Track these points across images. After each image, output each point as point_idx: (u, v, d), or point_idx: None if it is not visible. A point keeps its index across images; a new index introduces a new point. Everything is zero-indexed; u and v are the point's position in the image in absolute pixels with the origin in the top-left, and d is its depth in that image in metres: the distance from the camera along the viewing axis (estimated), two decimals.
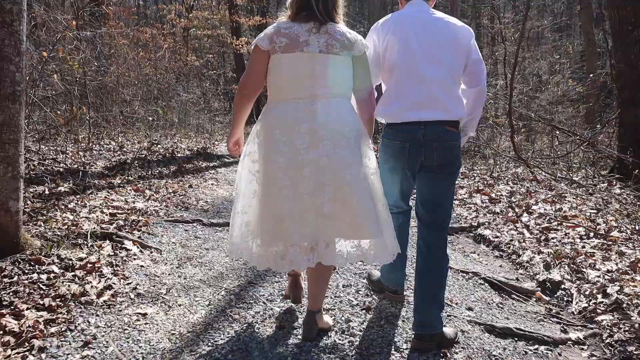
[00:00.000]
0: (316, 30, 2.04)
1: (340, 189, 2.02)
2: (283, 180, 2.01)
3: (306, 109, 2.03)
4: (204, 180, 5.59)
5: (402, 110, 2.20)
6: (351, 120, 2.11)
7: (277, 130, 2.05)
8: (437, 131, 2.17)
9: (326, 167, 2.00)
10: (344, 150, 2.03)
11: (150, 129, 9.63)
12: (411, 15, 2.29)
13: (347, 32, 2.11)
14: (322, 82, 2.04)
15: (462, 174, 6.91)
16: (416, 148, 2.17)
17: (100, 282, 2.50)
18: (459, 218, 4.72)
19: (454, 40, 2.23)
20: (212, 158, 7.18)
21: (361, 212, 2.04)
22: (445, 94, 2.19)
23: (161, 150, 7.18)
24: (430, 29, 2.23)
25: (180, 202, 4.34)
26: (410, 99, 2.18)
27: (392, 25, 2.29)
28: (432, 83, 2.17)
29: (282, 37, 2.04)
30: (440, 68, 2.19)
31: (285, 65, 2.05)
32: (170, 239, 3.34)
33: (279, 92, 2.10)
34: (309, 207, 2.00)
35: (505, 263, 3.62)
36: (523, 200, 5.26)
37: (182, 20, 17.14)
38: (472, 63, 2.28)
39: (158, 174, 5.49)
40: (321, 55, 2.03)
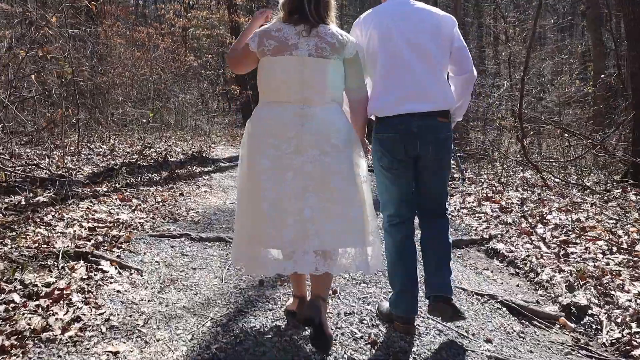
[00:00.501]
0: (306, 33, 2.02)
1: (323, 196, 1.99)
2: (266, 183, 1.99)
3: (294, 113, 2.01)
4: (196, 187, 5.27)
5: (392, 103, 2.18)
6: (340, 127, 2.07)
7: (264, 133, 2.03)
8: (430, 124, 2.18)
9: (310, 173, 1.98)
10: (330, 157, 2.01)
11: (145, 131, 9.32)
12: (392, 8, 2.28)
13: (339, 34, 2.07)
14: (311, 87, 2.02)
15: (469, 180, 6.60)
16: (411, 140, 2.16)
17: (68, 312, 2.18)
18: (469, 229, 4.40)
19: (436, 29, 2.22)
20: (207, 162, 6.87)
21: (344, 220, 2.01)
22: (433, 84, 2.19)
23: (154, 154, 6.87)
24: (412, 20, 2.22)
25: (168, 213, 4.02)
26: (399, 91, 2.17)
27: (373, 18, 2.26)
28: (419, 74, 2.17)
29: (272, 39, 2.02)
30: (425, 58, 2.18)
31: (273, 68, 2.03)
32: (154, 258, 3.02)
33: (268, 94, 2.09)
34: (289, 212, 1.97)
35: (522, 282, 3.30)
36: (536, 209, 4.94)
37: (180, 20, 16.87)
38: (456, 50, 2.27)
39: (148, 181, 5.18)
40: (310, 59, 2.00)
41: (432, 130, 2.19)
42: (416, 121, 2.16)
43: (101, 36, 11.66)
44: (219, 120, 16.19)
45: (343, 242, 2.06)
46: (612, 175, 6.71)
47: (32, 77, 4.48)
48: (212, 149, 8.95)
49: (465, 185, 6.34)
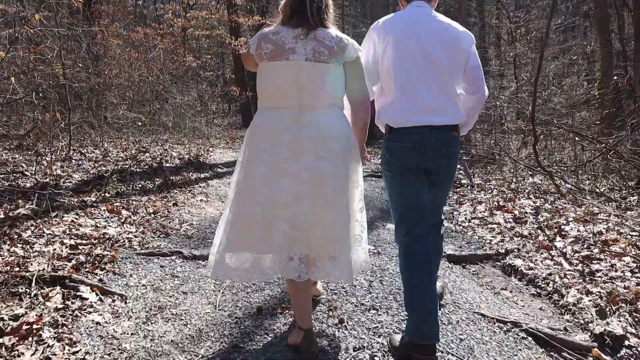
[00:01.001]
0: (304, 36, 1.98)
1: (317, 203, 1.97)
2: (261, 188, 1.97)
3: (291, 118, 1.98)
4: (192, 196, 4.98)
5: (411, 114, 2.15)
6: (338, 133, 2.04)
7: (261, 138, 2.02)
8: (445, 137, 2.17)
9: (306, 179, 1.96)
10: (326, 162, 1.98)
11: (141, 134, 9.03)
12: (412, 17, 2.24)
13: (338, 37, 2.02)
14: (308, 92, 1.98)
15: (478, 186, 6.31)
16: (425, 153, 2.15)
17: (36, 352, 1.90)
18: (482, 243, 4.11)
19: (455, 44, 2.19)
20: (204, 168, 6.57)
21: (334, 228, 1.99)
22: (449, 98, 2.19)
23: (148, 159, 6.58)
24: (432, 33, 2.19)
25: (160, 227, 3.73)
26: (418, 103, 2.15)
27: (392, 27, 2.22)
28: (435, 87, 2.16)
29: (269, 42, 1.99)
30: (441, 73, 2.17)
31: (270, 73, 2.01)
32: (141, 280, 2.73)
33: (266, 100, 2.07)
34: (282, 217, 1.95)
35: (545, 305, 3.01)
36: (552, 219, 4.66)
37: (179, 20, 16.61)
38: (471, 69, 2.24)
39: (140, 189, 4.89)
40: (307, 63, 1.97)
41: (446, 143, 2.18)
42: (433, 134, 2.15)
43: (97, 36, 11.41)
44: (219, 121, 15.89)
45: (329, 250, 2.02)
46: (625, 181, 6.42)
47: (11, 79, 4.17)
48: (210, 152, 8.66)
49: (474, 192, 6.05)
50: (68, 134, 6.45)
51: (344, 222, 2.02)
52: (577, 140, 6.49)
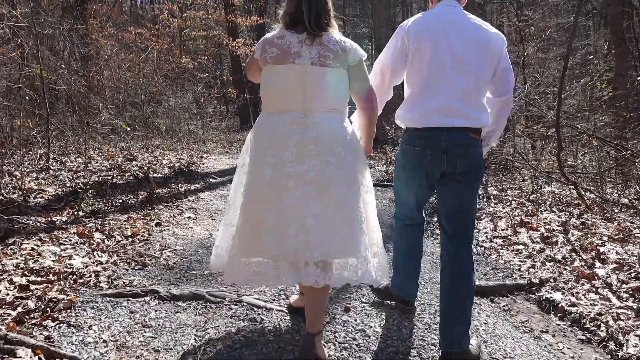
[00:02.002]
0: (309, 41, 2.00)
1: (326, 205, 1.96)
2: (267, 192, 1.97)
3: (296, 122, 1.99)
4: (179, 213, 4.44)
5: (424, 115, 2.14)
6: (342, 136, 2.05)
7: (266, 142, 2.02)
8: (460, 137, 2.12)
9: (312, 181, 1.96)
10: (332, 166, 1.98)
11: (131, 140, 8.50)
12: (443, 18, 2.18)
13: (342, 41, 2.05)
14: (313, 96, 2.00)
15: (495, 198, 5.77)
16: (438, 155, 2.12)
17: None
18: (511, 269, 3.57)
19: (485, 46, 2.15)
20: (195, 178, 6.03)
21: (346, 230, 1.98)
22: (470, 101, 2.13)
23: (135, 169, 6.04)
24: (462, 34, 2.14)
25: (136, 255, 3.18)
26: (433, 104, 2.12)
27: (423, 28, 2.18)
28: (458, 91, 2.11)
29: (274, 47, 2.01)
30: (469, 75, 2.13)
31: (275, 77, 2.03)
32: (102, 334, 2.18)
33: (271, 103, 2.07)
34: (291, 220, 1.94)
35: (600, 356, 2.48)
36: (584, 238, 4.13)
37: (175, 20, 16.12)
38: (502, 71, 2.21)
39: (120, 205, 4.35)
40: (313, 67, 1.99)
41: (461, 144, 2.12)
42: (445, 135, 2.10)
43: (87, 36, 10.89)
44: (216, 124, 15.34)
45: (344, 253, 2.01)
46: None
47: None
48: (204, 159, 8.12)
49: (492, 204, 5.51)
50: (48, 141, 5.92)
51: (357, 225, 2.00)
52: (600, 146, 5.96)
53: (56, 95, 7.73)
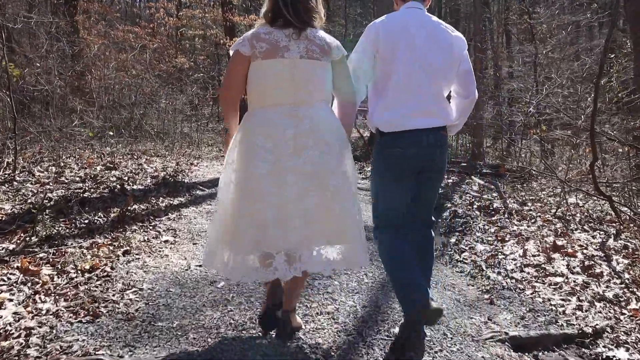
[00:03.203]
0: (296, 36, 2.06)
1: (324, 196, 2.04)
2: (267, 187, 2.00)
3: (289, 114, 2.03)
4: (155, 235, 3.79)
5: (405, 118, 2.21)
6: (332, 126, 2.13)
7: (260, 137, 2.03)
8: (438, 137, 2.26)
9: (311, 173, 2.02)
10: (328, 156, 2.06)
11: (118, 145, 7.86)
12: (408, 20, 2.25)
13: (326, 37, 2.13)
14: (303, 88, 2.06)
15: (517, 213, 5.12)
16: (420, 154, 2.23)
17: None
18: (553, 311, 2.91)
19: (448, 48, 2.25)
20: (180, 190, 5.37)
21: (344, 218, 2.10)
22: (441, 101, 2.28)
23: (113, 179, 5.40)
24: (427, 35, 2.22)
25: (89, 300, 2.52)
26: (412, 107, 2.21)
27: (387, 28, 2.23)
28: (429, 91, 2.22)
29: (263, 42, 2.04)
30: (438, 78, 2.24)
31: (266, 71, 2.05)
32: None
33: (260, 98, 2.09)
34: (294, 214, 2.00)
35: None
36: (633, 266, 3.49)
37: (170, 19, 15.52)
38: (463, 73, 2.32)
39: (86, 227, 3.70)
40: (302, 60, 2.05)
41: (438, 144, 2.27)
42: (425, 136, 2.23)
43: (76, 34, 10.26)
44: (213, 125, 14.69)
45: (344, 239, 2.12)
46: None
47: None
48: (194, 166, 7.48)
49: (514, 221, 4.87)
50: (14, 148, 5.27)
51: (352, 212, 2.12)
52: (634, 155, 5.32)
53: (34, 96, 7.10)
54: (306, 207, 2.00)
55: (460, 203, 5.74)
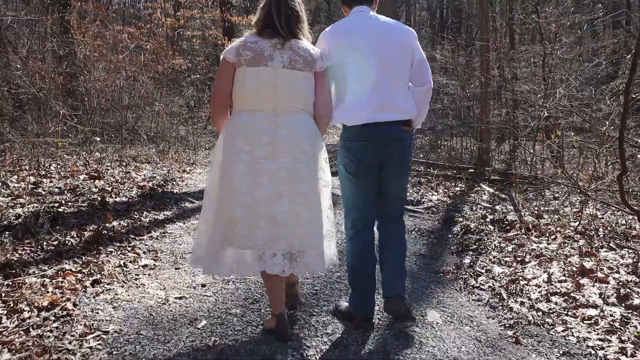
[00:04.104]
0: (281, 46, 2.18)
1: (294, 201, 2.16)
2: (240, 187, 2.12)
3: (268, 121, 2.16)
4: (133, 258, 3.36)
5: (362, 114, 2.36)
6: (310, 135, 2.25)
7: (240, 139, 2.16)
8: (396, 131, 2.41)
9: (284, 178, 2.15)
10: (301, 163, 2.19)
11: (106, 150, 7.45)
12: (358, 21, 2.44)
13: (311, 49, 2.27)
14: (284, 97, 2.17)
15: (535, 229, 4.68)
16: (380, 147, 2.38)
17: None
18: (593, 355, 2.48)
19: (400, 42, 2.43)
20: (168, 203, 4.95)
21: (310, 225, 2.21)
22: (399, 95, 2.42)
23: (95, 190, 4.97)
24: (379, 35, 2.39)
25: (39, 351, 2.08)
26: (369, 103, 2.36)
27: (341, 33, 2.43)
28: (385, 86, 2.37)
29: (248, 50, 2.17)
30: (392, 72, 2.40)
31: (249, 78, 2.17)
32: None
33: (243, 103, 2.21)
34: (263, 215, 2.12)
35: None
36: None
37: (168, 19, 15.12)
38: (417, 63, 2.48)
39: (54, 250, 3.28)
40: (284, 70, 2.17)
41: (397, 137, 2.41)
42: (383, 129, 2.37)
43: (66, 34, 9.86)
44: (212, 128, 14.29)
45: (307, 245, 2.23)
46: None
47: None
48: (187, 173, 7.07)
49: (532, 237, 4.43)
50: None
51: (318, 219, 2.25)
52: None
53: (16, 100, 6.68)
54: (275, 210, 2.12)
55: (472, 216, 5.31)
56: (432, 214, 5.54)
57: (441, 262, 3.97)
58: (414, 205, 5.87)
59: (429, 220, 5.26)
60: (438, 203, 5.96)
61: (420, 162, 9.86)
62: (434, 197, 6.27)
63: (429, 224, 5.10)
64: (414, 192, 6.58)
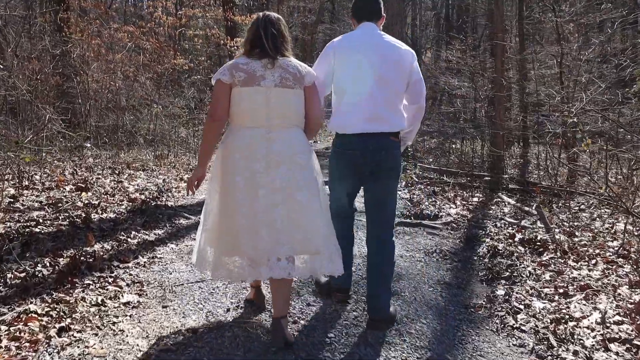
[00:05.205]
0: (271, 65, 2.32)
1: (292, 209, 2.29)
2: (241, 199, 2.25)
3: (263, 136, 2.29)
4: (113, 293, 2.86)
5: (354, 124, 2.56)
6: (302, 148, 2.39)
7: (237, 153, 2.29)
8: (383, 141, 2.58)
9: (280, 189, 2.28)
10: (296, 173, 2.32)
11: (99, 156, 6.97)
12: (363, 38, 2.62)
13: (299, 65, 2.41)
14: (277, 114, 2.31)
15: (571, 250, 4.16)
16: (367, 155, 2.56)
17: None
18: None
19: (398, 62, 2.59)
20: (160, 219, 4.45)
21: (310, 229, 2.33)
22: (390, 110, 2.59)
23: (80, 204, 4.49)
24: (379, 52, 2.57)
25: None
26: (362, 114, 2.55)
27: (345, 47, 2.62)
28: (379, 101, 2.55)
29: (241, 71, 2.30)
30: (387, 88, 2.56)
31: (244, 97, 2.30)
32: None
33: (239, 120, 2.34)
34: (263, 224, 2.25)
35: None
36: None
37: (170, 18, 14.67)
38: (414, 83, 2.65)
39: (20, 284, 2.78)
40: (276, 89, 2.30)
41: (385, 147, 2.58)
42: (371, 140, 2.55)
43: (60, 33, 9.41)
44: None
45: (309, 249, 2.34)
46: None
47: None
48: (185, 182, 6.57)
49: (571, 264, 3.91)
50: None
51: (318, 223, 2.36)
52: None
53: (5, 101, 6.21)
54: (274, 218, 2.24)
55: (497, 234, 4.80)
56: (452, 231, 5.03)
57: (470, 293, 3.46)
58: (431, 219, 5.36)
59: (450, 239, 4.75)
60: (457, 217, 5.45)
61: (433, 169, 9.34)
62: (452, 211, 5.75)
63: (450, 243, 4.59)
64: (429, 204, 6.07)
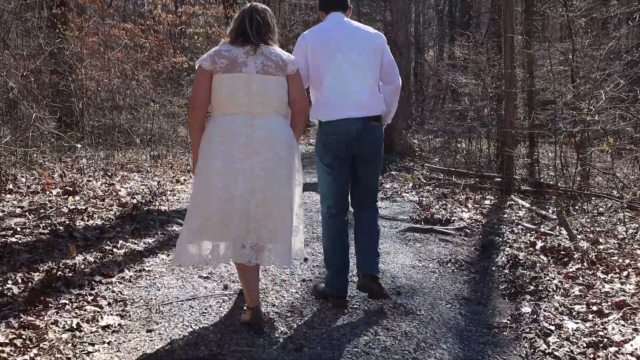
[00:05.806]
0: (253, 52, 2.35)
1: (267, 197, 2.32)
2: (217, 183, 2.28)
3: (244, 123, 2.32)
4: (91, 314, 2.52)
5: (336, 110, 2.67)
6: (284, 137, 2.42)
7: (217, 139, 2.32)
8: (366, 126, 2.69)
9: (258, 176, 2.30)
10: (275, 163, 2.35)
11: (93, 157, 6.65)
12: (333, 26, 2.75)
13: (282, 54, 2.45)
14: (258, 100, 2.34)
15: (599, 260, 3.80)
16: (351, 140, 2.67)
17: None
18: None
19: (370, 46, 2.74)
20: (152, 226, 4.10)
21: (279, 220, 2.36)
22: (369, 94, 2.70)
23: (65, 210, 4.15)
24: (350, 39, 2.71)
25: None
26: (342, 101, 2.67)
27: (316, 37, 2.73)
28: (356, 86, 2.67)
29: (223, 58, 2.32)
30: (362, 73, 2.69)
31: (225, 84, 2.33)
32: None
33: (221, 107, 2.37)
34: (237, 209, 2.28)
35: None
36: None
37: (169, 16, 14.33)
38: (387, 64, 2.80)
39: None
40: (258, 75, 2.33)
41: (367, 131, 2.70)
42: (354, 124, 2.65)
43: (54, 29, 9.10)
44: None
45: (274, 240, 2.37)
46: None
47: None
48: (181, 184, 6.24)
49: (599, 276, 3.56)
50: None
51: (287, 216, 2.40)
52: None
53: None
54: (249, 205, 2.28)
55: (515, 240, 4.45)
56: (466, 237, 4.68)
57: (491, 310, 3.11)
58: (442, 224, 5.01)
59: (464, 246, 4.40)
60: (471, 222, 5.10)
61: (440, 170, 8.99)
62: (465, 215, 5.40)
63: (465, 251, 4.24)
64: (440, 207, 5.72)
